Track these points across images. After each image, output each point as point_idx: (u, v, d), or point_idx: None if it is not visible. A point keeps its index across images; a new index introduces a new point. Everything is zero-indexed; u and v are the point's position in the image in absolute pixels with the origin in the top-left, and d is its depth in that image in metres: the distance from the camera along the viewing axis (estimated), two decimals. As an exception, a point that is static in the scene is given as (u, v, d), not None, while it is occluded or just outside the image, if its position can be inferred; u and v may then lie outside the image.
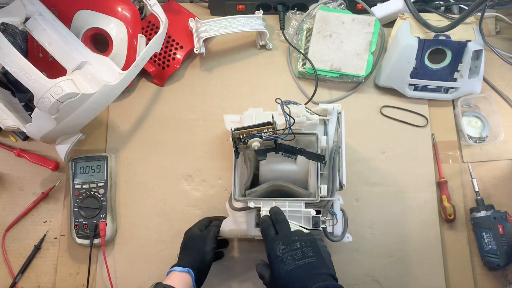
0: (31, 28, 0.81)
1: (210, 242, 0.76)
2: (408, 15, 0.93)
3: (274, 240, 0.63)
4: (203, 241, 0.76)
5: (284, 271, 0.59)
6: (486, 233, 0.84)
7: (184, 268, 0.70)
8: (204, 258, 0.74)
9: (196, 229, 0.79)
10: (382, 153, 0.93)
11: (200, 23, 0.92)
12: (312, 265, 0.60)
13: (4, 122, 0.82)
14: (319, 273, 0.59)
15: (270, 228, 0.66)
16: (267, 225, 0.67)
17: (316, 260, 0.60)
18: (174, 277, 0.69)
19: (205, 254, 0.75)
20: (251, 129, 0.67)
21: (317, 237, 0.64)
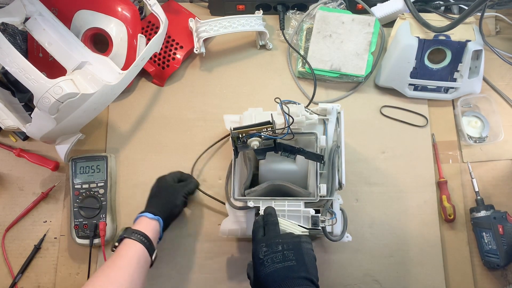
0: (31, 28, 0.81)
1: (181, 197, 0.80)
2: (408, 15, 0.93)
3: (259, 242, 0.64)
4: (176, 193, 0.80)
5: (263, 273, 0.60)
6: (486, 233, 0.84)
7: (155, 216, 0.74)
8: (173, 210, 0.79)
9: (170, 180, 0.82)
10: (382, 153, 0.93)
11: (200, 23, 0.92)
12: (290, 268, 0.59)
13: (4, 122, 0.82)
14: (297, 277, 0.59)
15: (259, 230, 0.66)
16: (257, 227, 0.67)
17: (295, 263, 0.60)
18: (143, 223, 0.73)
19: (176, 206, 0.79)
20: (250, 129, 0.67)
21: (303, 240, 0.63)
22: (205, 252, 0.88)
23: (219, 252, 0.88)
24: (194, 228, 0.89)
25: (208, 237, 0.88)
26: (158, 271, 0.87)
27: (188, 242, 0.88)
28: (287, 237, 0.63)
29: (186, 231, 0.89)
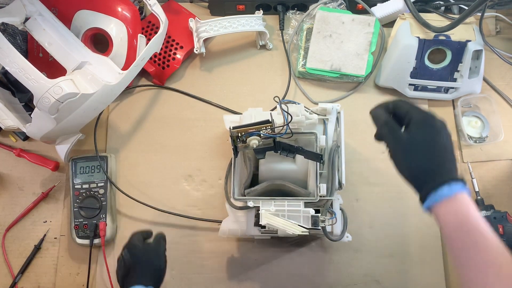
0: (31, 28, 0.81)
1: (164, 257, 0.74)
2: (408, 15, 0.93)
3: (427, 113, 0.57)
4: (158, 256, 0.73)
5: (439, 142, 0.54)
6: (486, 233, 0.84)
7: (148, 287, 0.67)
8: (161, 275, 0.72)
9: (140, 244, 0.73)
10: (382, 153, 0.93)
11: (200, 23, 0.92)
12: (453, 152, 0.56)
13: (4, 122, 0.82)
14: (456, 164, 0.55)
15: None
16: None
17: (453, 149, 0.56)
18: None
19: (161, 271, 0.72)
20: (250, 127, 0.67)
21: None
22: (205, 252, 0.88)
23: (219, 252, 0.88)
24: (194, 228, 0.89)
25: (208, 237, 0.88)
26: (158, 271, 0.87)
27: (188, 242, 0.88)
28: None
29: (186, 231, 0.89)
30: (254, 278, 0.86)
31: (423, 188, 0.54)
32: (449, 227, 0.51)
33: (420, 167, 0.55)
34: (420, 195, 0.54)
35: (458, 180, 0.52)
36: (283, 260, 0.87)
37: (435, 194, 0.52)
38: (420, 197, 0.54)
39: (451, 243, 0.51)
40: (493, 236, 0.49)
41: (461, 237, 0.50)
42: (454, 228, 0.51)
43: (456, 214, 0.51)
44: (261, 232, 0.77)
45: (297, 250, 0.88)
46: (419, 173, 0.55)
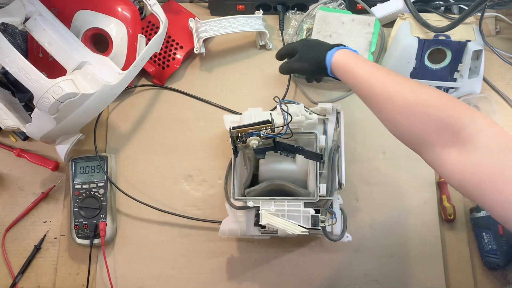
0: (31, 28, 0.81)
1: None
2: (408, 15, 0.93)
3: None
4: None
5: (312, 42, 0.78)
6: (486, 233, 0.84)
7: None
8: None
9: None
10: (382, 153, 0.93)
11: (200, 23, 0.92)
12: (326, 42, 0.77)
13: (4, 122, 0.82)
14: (335, 44, 0.75)
15: None
16: None
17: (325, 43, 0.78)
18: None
19: None
20: (250, 128, 0.67)
21: None
22: (205, 252, 0.88)
23: (219, 252, 0.88)
24: (194, 227, 0.89)
25: (208, 237, 0.88)
26: (158, 271, 0.87)
27: (188, 242, 0.88)
28: None
29: (186, 231, 0.89)
30: (254, 278, 0.86)
31: (319, 65, 0.74)
32: (342, 77, 0.71)
33: (312, 58, 0.76)
34: (324, 67, 0.74)
35: (334, 46, 0.73)
36: (283, 260, 0.87)
37: (327, 57, 0.72)
38: (325, 69, 0.74)
39: (349, 85, 0.70)
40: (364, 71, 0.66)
41: (349, 81, 0.69)
42: (343, 76, 0.70)
43: (338, 67, 0.71)
44: (261, 232, 0.77)
45: (297, 250, 0.88)
46: (313, 60, 0.76)
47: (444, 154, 0.55)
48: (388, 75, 0.63)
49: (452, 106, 0.55)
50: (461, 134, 0.53)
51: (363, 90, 0.65)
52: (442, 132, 0.55)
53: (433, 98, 0.56)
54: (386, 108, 0.61)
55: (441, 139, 0.55)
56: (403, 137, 0.61)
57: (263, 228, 0.76)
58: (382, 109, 0.62)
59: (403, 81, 0.61)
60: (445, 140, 0.55)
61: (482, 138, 0.51)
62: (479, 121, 0.52)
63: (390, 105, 0.60)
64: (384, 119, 0.63)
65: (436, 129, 0.55)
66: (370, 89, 0.63)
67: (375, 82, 0.63)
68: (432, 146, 0.56)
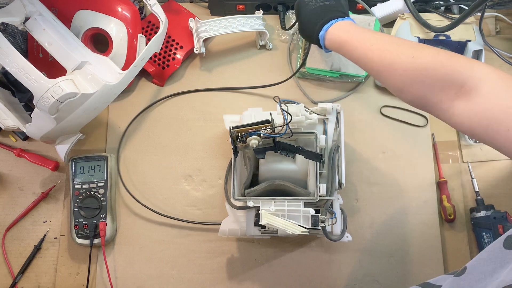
0: (31, 28, 0.81)
1: None
2: (408, 15, 0.93)
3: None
4: None
5: (308, 10, 0.74)
6: (486, 233, 0.84)
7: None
8: None
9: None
10: (382, 153, 0.93)
11: (200, 23, 0.92)
12: (329, 6, 0.73)
13: (4, 122, 0.82)
14: (334, 11, 0.72)
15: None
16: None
17: (334, 3, 0.74)
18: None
19: None
20: (249, 127, 0.67)
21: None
22: (205, 252, 0.88)
23: (219, 252, 0.88)
24: (194, 228, 0.89)
25: (208, 237, 0.88)
26: (158, 271, 0.87)
27: (188, 242, 0.88)
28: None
29: (186, 231, 0.89)
30: (254, 278, 0.86)
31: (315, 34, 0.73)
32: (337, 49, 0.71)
33: (306, 28, 0.75)
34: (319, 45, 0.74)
35: (334, 17, 0.71)
36: (283, 260, 0.87)
37: (320, 37, 0.72)
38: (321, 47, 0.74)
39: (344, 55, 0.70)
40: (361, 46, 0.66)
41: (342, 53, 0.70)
42: (336, 49, 0.71)
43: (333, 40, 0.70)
44: (261, 232, 0.77)
45: (297, 250, 0.88)
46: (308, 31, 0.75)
47: (452, 108, 0.56)
48: (383, 43, 0.63)
49: (450, 62, 0.56)
50: (464, 86, 0.55)
51: (363, 64, 0.67)
52: (446, 90, 0.56)
53: (431, 60, 0.57)
54: (388, 78, 0.62)
55: (446, 96, 0.57)
56: (411, 101, 0.62)
57: (263, 228, 0.76)
58: (385, 78, 0.63)
59: (398, 46, 0.61)
60: (451, 95, 0.56)
61: (485, 84, 0.53)
62: (479, 69, 0.54)
63: (391, 73, 0.61)
64: (389, 87, 0.65)
65: (439, 88, 0.57)
66: (370, 62, 0.64)
67: (372, 54, 0.64)
68: (439, 104, 0.58)
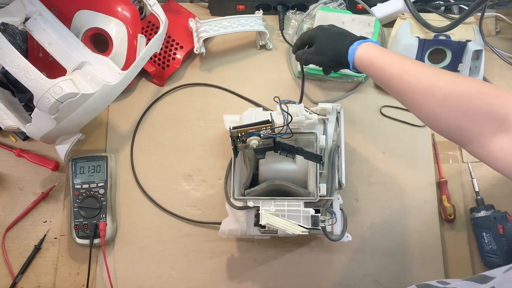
0: (31, 28, 0.81)
1: None
2: (408, 15, 0.93)
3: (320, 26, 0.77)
4: None
5: (331, 34, 0.73)
6: (486, 233, 0.84)
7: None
8: None
9: None
10: (382, 153, 0.93)
11: (200, 23, 0.92)
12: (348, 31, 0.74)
13: (4, 122, 0.82)
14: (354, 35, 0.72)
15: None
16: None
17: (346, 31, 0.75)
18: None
19: None
20: (250, 128, 0.67)
21: None
22: (205, 252, 0.88)
23: (219, 252, 0.88)
24: (194, 228, 0.89)
25: (208, 237, 0.88)
26: (158, 271, 0.87)
27: (188, 242, 0.88)
28: None
29: (186, 231, 0.89)
30: (254, 278, 0.86)
31: (341, 60, 0.71)
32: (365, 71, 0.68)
33: (331, 50, 0.72)
34: (345, 65, 0.71)
35: (357, 39, 0.69)
36: (283, 260, 0.87)
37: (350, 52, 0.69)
38: (347, 64, 0.71)
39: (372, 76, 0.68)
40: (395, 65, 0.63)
41: (372, 71, 0.66)
42: (367, 70, 0.67)
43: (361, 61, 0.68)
44: (261, 232, 0.77)
45: (297, 250, 0.88)
46: (333, 53, 0.72)
47: (492, 142, 0.54)
48: (421, 67, 0.60)
49: (494, 93, 0.53)
50: (507, 121, 0.52)
51: (396, 85, 0.62)
52: (488, 122, 0.53)
53: (474, 88, 0.54)
54: (424, 103, 0.58)
55: (487, 128, 0.54)
56: (445, 131, 0.59)
57: (263, 228, 0.76)
58: (419, 104, 0.59)
59: (439, 72, 0.58)
60: (492, 129, 0.53)
61: None
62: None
63: (428, 99, 0.57)
64: (421, 114, 0.60)
65: (481, 120, 0.54)
66: (404, 84, 0.60)
67: (408, 76, 0.60)
68: (479, 137, 0.55)
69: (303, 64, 0.81)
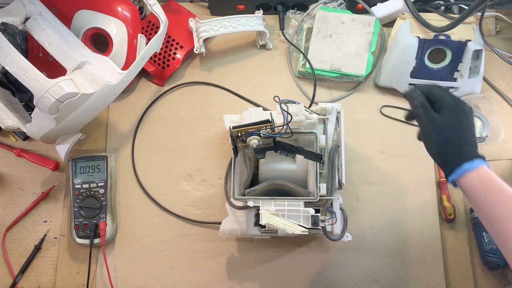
0: (31, 28, 0.81)
1: None
2: (408, 15, 0.93)
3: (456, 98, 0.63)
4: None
5: (466, 127, 0.61)
6: (486, 233, 0.84)
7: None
8: None
9: None
10: (382, 153, 0.93)
11: (200, 23, 0.92)
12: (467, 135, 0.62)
13: (4, 122, 0.82)
14: (471, 144, 0.61)
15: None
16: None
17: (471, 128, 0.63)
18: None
19: None
20: (249, 127, 0.67)
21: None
22: (205, 252, 0.88)
23: (219, 252, 0.88)
24: (194, 227, 0.89)
25: (208, 237, 0.88)
26: (158, 271, 0.87)
27: (188, 242, 0.88)
28: None
29: (186, 231, 0.89)
30: (254, 278, 0.86)
31: (449, 165, 0.61)
32: (476, 192, 0.58)
33: (448, 147, 0.61)
34: (446, 171, 0.62)
35: (479, 157, 0.60)
36: (283, 260, 0.87)
37: (460, 168, 0.59)
38: (446, 173, 0.62)
39: (480, 205, 0.58)
40: None
41: (488, 197, 0.57)
42: (480, 192, 0.58)
43: (482, 181, 0.58)
44: (261, 232, 0.77)
45: (297, 250, 0.88)
46: (447, 152, 0.62)
47: None
48: None
49: None
50: None
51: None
52: None
53: None
54: None
55: None
56: None
57: (263, 228, 0.76)
58: None
59: None
60: None
61: None
62: None
63: None
64: None
65: None
66: None
67: None
68: None
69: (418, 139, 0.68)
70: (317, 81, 0.97)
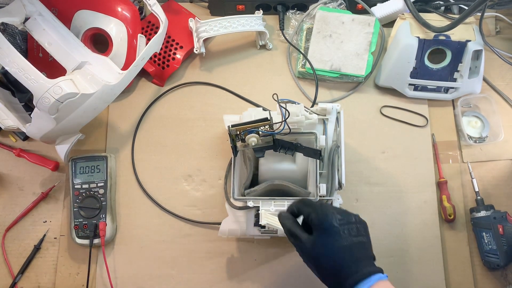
0: (31, 28, 0.81)
1: None
2: (408, 15, 0.93)
3: (328, 208, 0.56)
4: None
5: (340, 245, 0.54)
6: (486, 233, 0.84)
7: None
8: None
9: None
10: (382, 153, 0.93)
11: (200, 23, 0.92)
12: (363, 245, 0.56)
13: (4, 122, 0.82)
14: (369, 257, 0.55)
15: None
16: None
17: (366, 241, 0.57)
18: None
19: None
20: (248, 125, 0.67)
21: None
22: (205, 252, 0.88)
23: (219, 252, 0.88)
24: (194, 227, 0.89)
25: (208, 237, 0.88)
26: (158, 271, 0.87)
27: (188, 242, 0.88)
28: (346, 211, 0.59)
29: (186, 231, 0.89)
30: (254, 278, 0.86)
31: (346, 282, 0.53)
32: None
33: (329, 270, 0.54)
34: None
35: (375, 272, 0.53)
36: (283, 260, 0.87)
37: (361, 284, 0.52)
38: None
39: None
40: None
41: None
42: None
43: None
44: (261, 232, 0.77)
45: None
46: (331, 276, 0.54)
47: None
48: None
49: None
50: None
51: None
52: None
53: None
54: None
55: None
56: None
57: (263, 228, 0.76)
58: None
59: None
60: None
61: None
62: None
63: None
64: None
65: None
66: None
67: None
68: None
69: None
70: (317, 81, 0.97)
